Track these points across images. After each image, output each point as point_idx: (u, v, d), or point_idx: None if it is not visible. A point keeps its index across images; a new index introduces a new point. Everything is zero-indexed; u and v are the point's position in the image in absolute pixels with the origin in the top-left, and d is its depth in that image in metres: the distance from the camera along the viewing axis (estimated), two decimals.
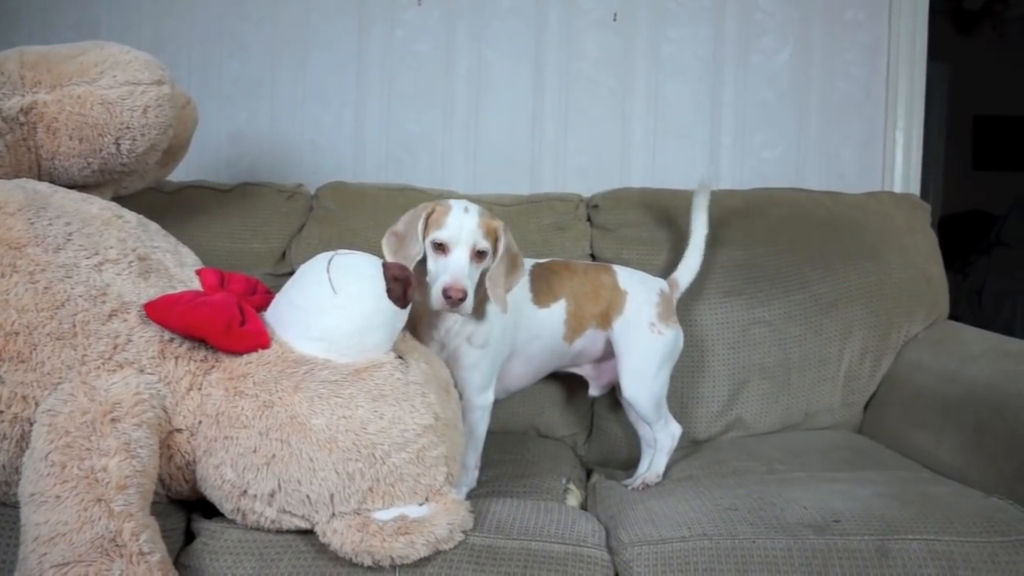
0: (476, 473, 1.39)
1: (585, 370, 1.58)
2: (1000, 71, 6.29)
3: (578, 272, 1.51)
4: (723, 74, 2.27)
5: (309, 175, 2.18)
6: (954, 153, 6.43)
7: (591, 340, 1.50)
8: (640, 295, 1.50)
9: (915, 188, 2.44)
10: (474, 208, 1.30)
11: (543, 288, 1.46)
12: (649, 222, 1.82)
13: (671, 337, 1.48)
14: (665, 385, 1.49)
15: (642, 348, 1.46)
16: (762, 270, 1.74)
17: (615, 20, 2.23)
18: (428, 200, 1.34)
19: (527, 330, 1.45)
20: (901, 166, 2.45)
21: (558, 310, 1.46)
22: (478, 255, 1.27)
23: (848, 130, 2.42)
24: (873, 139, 2.43)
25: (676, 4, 2.27)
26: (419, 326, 1.35)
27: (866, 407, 1.77)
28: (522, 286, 1.43)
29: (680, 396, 1.68)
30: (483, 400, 1.40)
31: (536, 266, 1.48)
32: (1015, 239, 5.43)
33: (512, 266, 1.33)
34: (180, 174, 1.73)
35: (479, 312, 1.34)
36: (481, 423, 1.40)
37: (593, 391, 1.60)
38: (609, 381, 1.56)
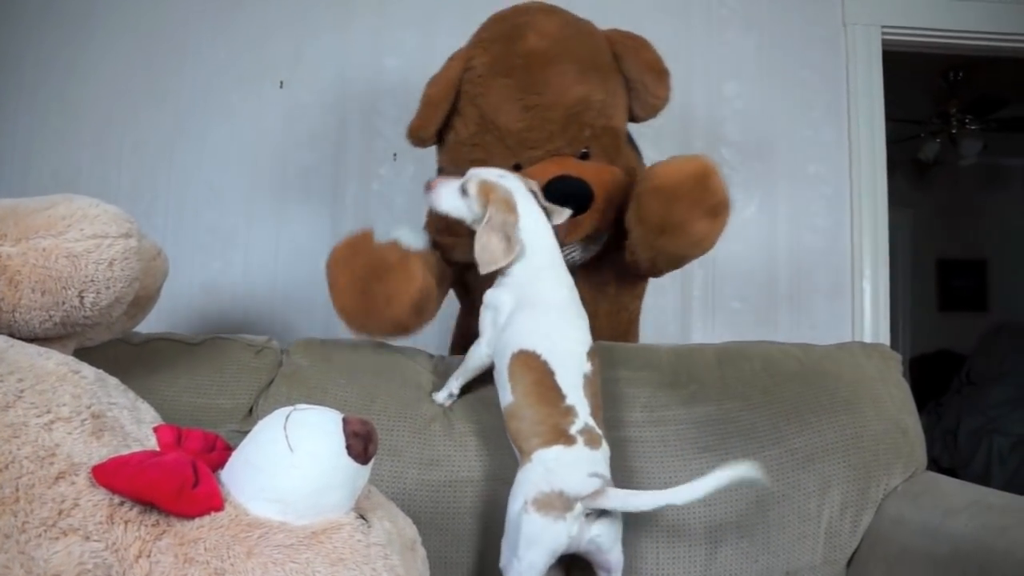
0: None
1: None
2: (957, 216, 6.56)
3: None
4: None
5: (280, 329, 2.16)
6: (920, 295, 6.61)
7: None
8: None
9: (884, 335, 2.48)
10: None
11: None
12: (614, 379, 1.77)
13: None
14: None
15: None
16: (736, 425, 1.71)
17: None
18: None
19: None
20: (870, 313, 2.50)
21: None
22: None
23: (816, 280, 2.48)
24: (841, 288, 2.48)
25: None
26: None
27: (848, 564, 1.71)
28: None
29: (656, 558, 1.61)
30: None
31: None
32: (982, 378, 5.52)
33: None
34: (150, 323, 1.70)
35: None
36: (472, 356, 1.58)
37: None
38: None
